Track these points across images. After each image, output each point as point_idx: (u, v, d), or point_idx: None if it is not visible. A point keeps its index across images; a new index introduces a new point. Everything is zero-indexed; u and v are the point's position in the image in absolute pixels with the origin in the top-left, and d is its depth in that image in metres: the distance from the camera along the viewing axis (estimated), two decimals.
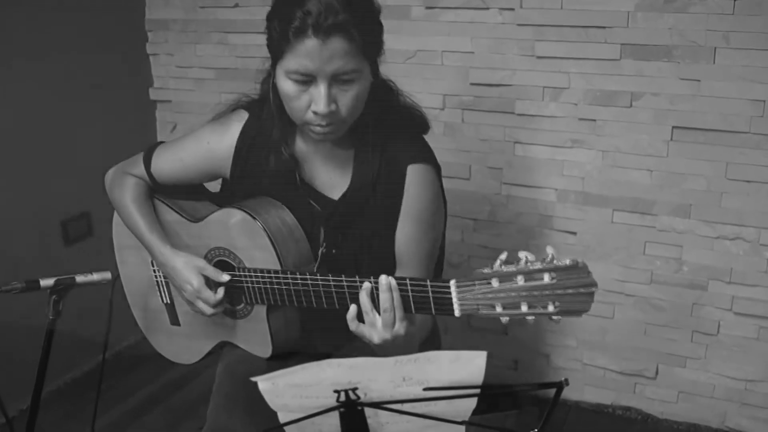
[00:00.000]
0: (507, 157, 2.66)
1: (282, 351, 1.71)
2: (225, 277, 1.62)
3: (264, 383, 1.12)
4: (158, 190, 1.79)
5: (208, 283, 1.64)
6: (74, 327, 1.89)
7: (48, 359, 1.75)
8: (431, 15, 2.63)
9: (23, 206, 2.71)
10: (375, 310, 1.43)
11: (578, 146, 2.55)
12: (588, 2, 2.40)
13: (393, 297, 1.40)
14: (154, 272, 1.84)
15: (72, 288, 1.76)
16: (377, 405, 1.14)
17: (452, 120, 2.69)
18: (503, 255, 1.29)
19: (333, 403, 1.14)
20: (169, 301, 1.83)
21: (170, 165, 1.73)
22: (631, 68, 2.40)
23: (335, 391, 1.11)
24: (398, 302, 1.40)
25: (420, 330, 1.56)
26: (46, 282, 1.74)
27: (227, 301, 1.66)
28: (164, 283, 1.83)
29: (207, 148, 1.69)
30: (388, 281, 1.40)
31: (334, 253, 1.64)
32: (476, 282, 1.29)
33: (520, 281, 1.24)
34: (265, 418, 1.24)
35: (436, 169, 1.64)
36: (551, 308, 1.23)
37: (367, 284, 1.42)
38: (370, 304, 1.42)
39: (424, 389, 1.11)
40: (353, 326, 1.45)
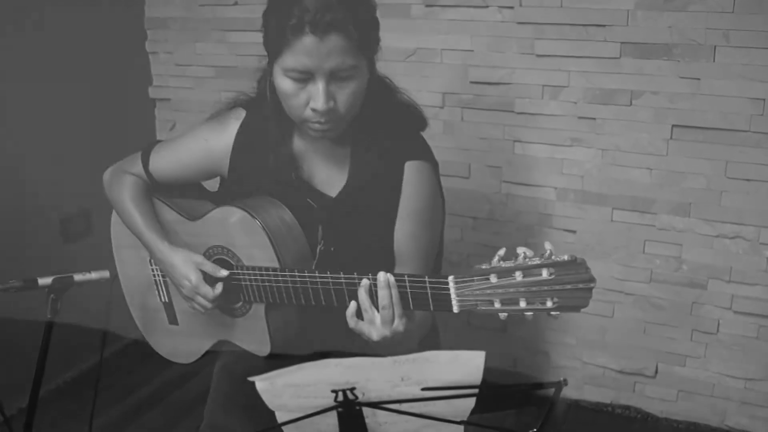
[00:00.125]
0: (506, 156, 2.65)
1: (280, 349, 1.70)
2: (223, 273, 1.62)
3: (262, 383, 1.12)
4: (156, 189, 1.78)
5: (207, 279, 1.64)
6: (72, 326, 1.88)
7: (46, 358, 1.75)
8: (431, 13, 2.63)
9: (22, 204, 2.70)
10: (374, 307, 1.42)
11: (578, 145, 2.54)
12: (588, 0, 2.39)
13: (391, 294, 1.39)
14: (153, 271, 1.84)
15: (70, 287, 1.76)
16: (375, 405, 1.13)
17: (452, 118, 2.69)
18: (501, 251, 1.28)
19: (331, 403, 1.13)
20: (168, 300, 1.83)
21: (168, 163, 1.73)
22: (631, 67, 2.40)
23: (333, 391, 1.11)
24: (397, 299, 1.40)
25: (420, 327, 1.56)
26: (44, 280, 1.73)
27: (225, 299, 1.66)
28: (162, 282, 1.82)
29: (205, 147, 1.69)
30: (387, 278, 1.39)
31: (333, 251, 1.64)
32: (474, 278, 1.29)
33: (519, 277, 1.24)
34: (263, 418, 1.23)
35: (434, 166, 1.64)
36: (549, 304, 1.23)
37: (365, 281, 1.42)
38: (369, 301, 1.42)
39: (423, 389, 1.10)
40: (352, 323, 1.45)
